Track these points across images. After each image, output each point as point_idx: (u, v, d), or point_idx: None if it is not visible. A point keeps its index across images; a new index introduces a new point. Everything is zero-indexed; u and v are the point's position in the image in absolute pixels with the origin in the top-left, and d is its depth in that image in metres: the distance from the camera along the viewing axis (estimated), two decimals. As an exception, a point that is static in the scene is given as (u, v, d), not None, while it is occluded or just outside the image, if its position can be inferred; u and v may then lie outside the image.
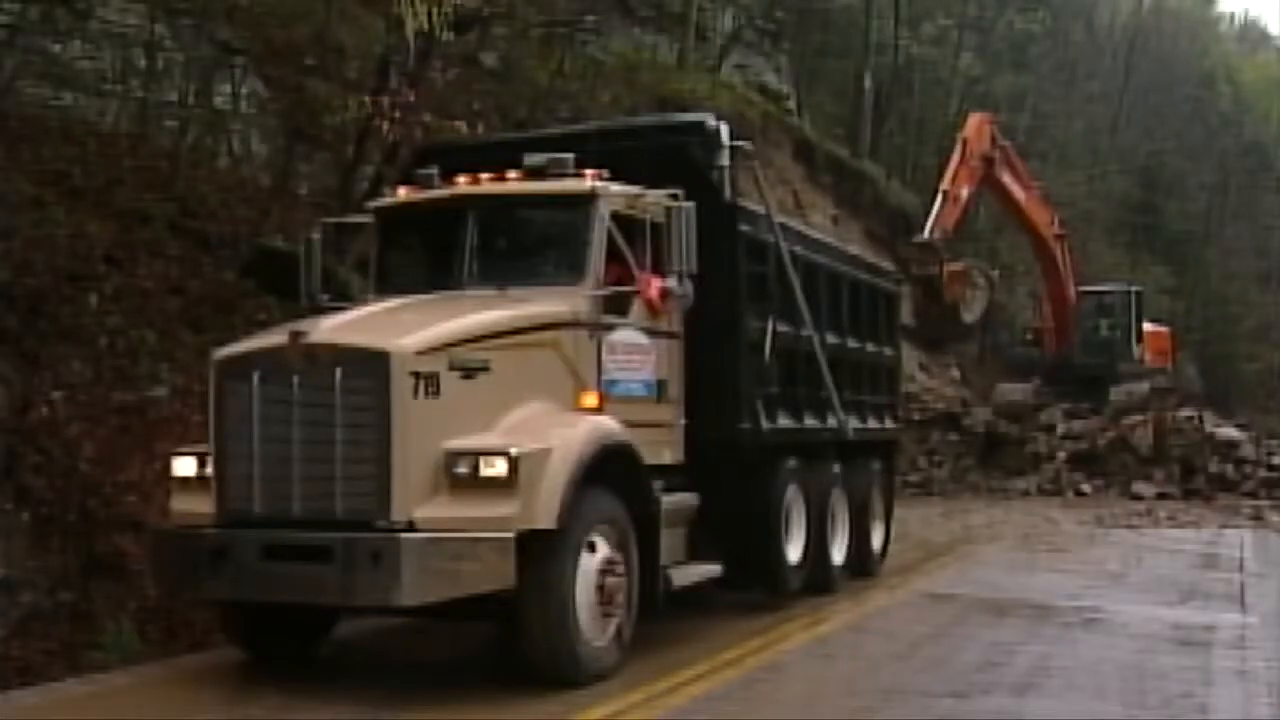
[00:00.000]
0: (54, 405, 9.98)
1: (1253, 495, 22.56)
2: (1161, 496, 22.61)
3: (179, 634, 9.38)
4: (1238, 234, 58.29)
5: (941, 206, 23.60)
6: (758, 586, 10.29)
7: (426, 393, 7.21)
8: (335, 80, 15.68)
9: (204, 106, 15.03)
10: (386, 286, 8.93)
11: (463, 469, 7.16)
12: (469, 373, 7.44)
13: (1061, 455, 25.27)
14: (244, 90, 15.72)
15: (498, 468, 7.13)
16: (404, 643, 9.48)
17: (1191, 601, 11.66)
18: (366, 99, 13.07)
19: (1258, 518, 19.88)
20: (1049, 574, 13.38)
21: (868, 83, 36.93)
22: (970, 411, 27.85)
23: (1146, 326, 30.34)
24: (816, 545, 10.82)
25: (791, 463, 10.44)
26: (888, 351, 13.22)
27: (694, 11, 29.03)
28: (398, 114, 12.74)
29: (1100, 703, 7.52)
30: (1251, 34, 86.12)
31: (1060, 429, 26.36)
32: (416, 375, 7.16)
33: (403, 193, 9.27)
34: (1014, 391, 28.38)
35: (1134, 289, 30.90)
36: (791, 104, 34.53)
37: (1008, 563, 14.44)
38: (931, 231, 23.45)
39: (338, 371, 7.18)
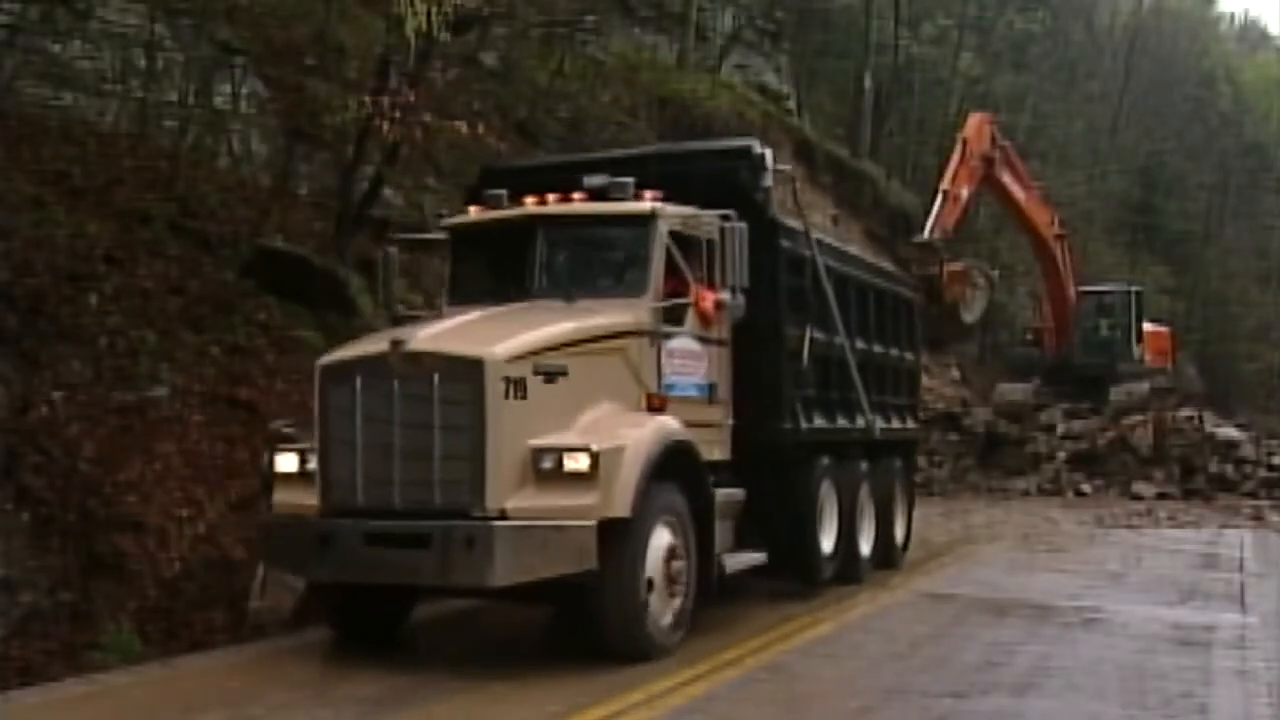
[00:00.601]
0: (54, 405, 9.99)
1: (1253, 495, 22.56)
2: (1161, 496, 22.61)
3: (179, 634, 9.39)
4: (1238, 234, 58.30)
5: (941, 206, 23.56)
6: (795, 575, 10.97)
7: (515, 395, 7.98)
8: (335, 80, 15.68)
9: (204, 106, 15.03)
10: (459, 297, 9.73)
11: (548, 463, 7.93)
12: (550, 377, 8.21)
13: (1061, 455, 25.26)
14: (244, 90, 15.72)
15: (581, 462, 7.91)
16: (407, 638, 9.48)
17: (1191, 601, 11.66)
18: (366, 99, 13.06)
19: (1258, 518, 19.88)
20: (1049, 574, 13.38)
21: (868, 83, 36.94)
22: (970, 411, 27.85)
23: (1146, 326, 30.31)
24: (847, 537, 11.57)
25: (825, 460, 11.21)
26: (908, 355, 14.00)
27: (694, 11, 29.03)
28: (398, 114, 12.73)
29: (1100, 703, 7.52)
30: (1251, 34, 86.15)
31: (1060, 429, 26.35)
32: (507, 380, 7.94)
33: (474, 212, 10.01)
34: (1014, 391, 28.36)
35: (1134, 289, 30.86)
36: (791, 104, 34.54)
37: (1008, 563, 14.44)
38: (931, 231, 23.42)
39: (436, 376, 7.93)
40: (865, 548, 12.19)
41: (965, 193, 24.31)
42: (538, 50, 20.76)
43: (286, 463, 8.65)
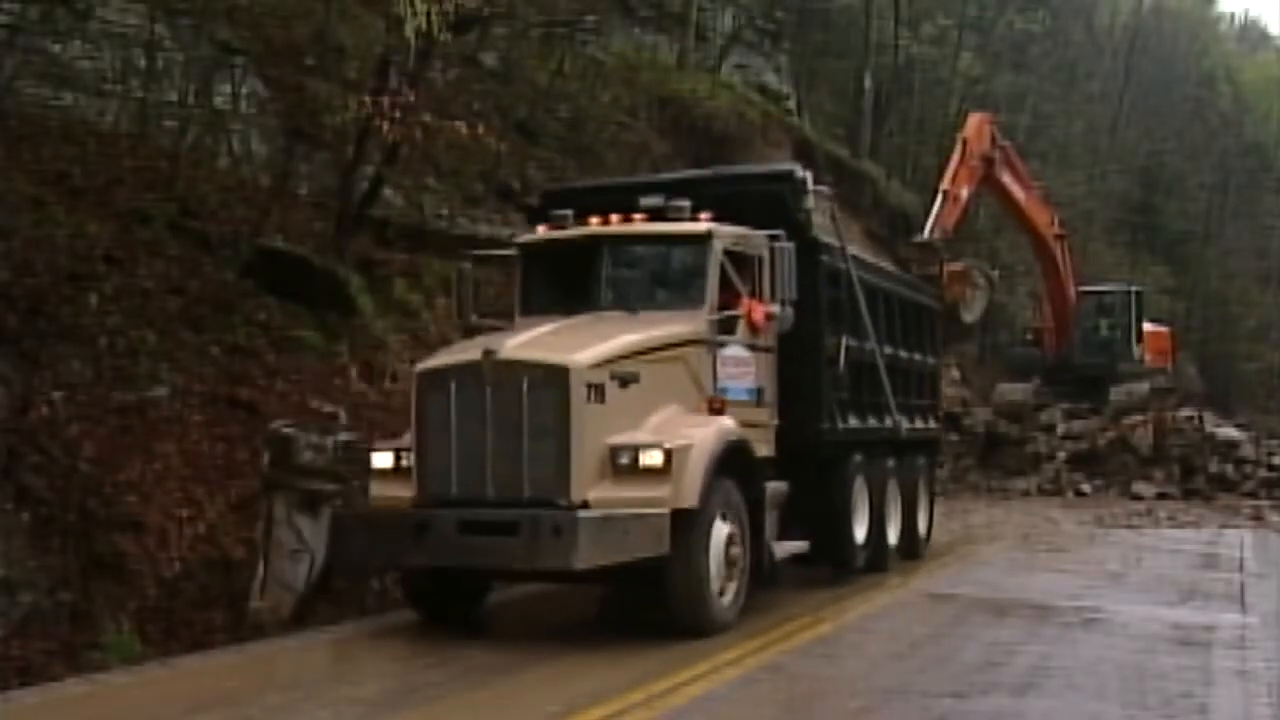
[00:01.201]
0: (54, 405, 9.99)
1: (1253, 495, 22.56)
2: (1161, 496, 22.61)
3: (179, 634, 9.39)
4: (1238, 234, 58.27)
5: (941, 206, 23.53)
6: (832, 563, 11.88)
7: (594, 398, 8.90)
8: (335, 80, 15.67)
9: (204, 106, 15.03)
10: (530, 309, 10.64)
11: (625, 459, 8.84)
12: (624, 382, 9.11)
13: (1061, 455, 25.26)
14: (244, 90, 15.72)
15: (656, 458, 8.82)
16: (407, 639, 9.49)
17: (1191, 601, 11.66)
18: (366, 99, 13.07)
19: (1258, 518, 19.88)
20: (1049, 574, 13.38)
21: (868, 83, 36.92)
22: (970, 411, 27.84)
23: (1146, 326, 30.30)
24: (876, 529, 12.50)
25: (858, 457, 12.13)
26: (930, 360, 14.92)
27: (694, 11, 29.01)
28: (398, 114, 12.74)
29: (1100, 703, 7.52)
30: (1251, 34, 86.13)
31: (1060, 429, 26.35)
32: (588, 385, 8.86)
33: (542, 230, 10.94)
34: (1014, 391, 28.36)
35: (1134, 289, 30.85)
36: (791, 104, 34.50)
37: (1008, 563, 14.44)
38: (931, 231, 23.39)
39: (525, 381, 8.84)
40: (893, 538, 13.09)
41: (965, 193, 24.29)
42: (538, 50, 20.75)
43: (382, 459, 9.46)
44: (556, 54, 21.49)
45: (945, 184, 23.90)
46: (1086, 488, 23.76)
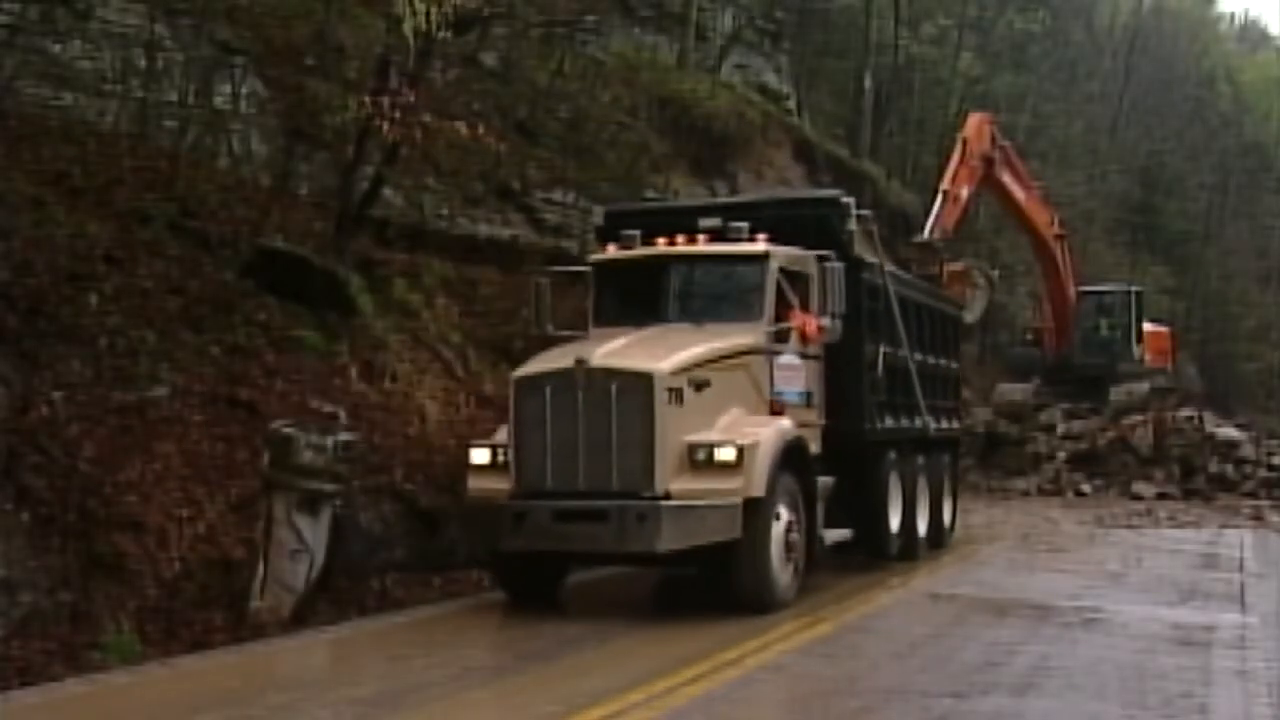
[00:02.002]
0: (54, 405, 9.98)
1: (1253, 495, 22.54)
2: (1161, 496, 22.59)
3: (179, 634, 9.39)
4: (1238, 234, 58.28)
5: (941, 206, 23.53)
6: (869, 550, 12.96)
7: (674, 401, 10.03)
8: (335, 80, 15.66)
9: (204, 106, 15.02)
10: (602, 320, 11.79)
11: (701, 455, 9.96)
12: (699, 387, 10.24)
13: (1061, 455, 25.25)
14: (244, 90, 15.71)
15: (729, 454, 9.95)
16: (407, 638, 9.49)
17: (1191, 601, 11.66)
18: (366, 99, 13.06)
19: (1258, 518, 19.87)
20: (1049, 574, 13.39)
21: (868, 83, 36.90)
22: (970, 411, 27.81)
23: (1146, 326, 30.29)
24: (908, 520, 13.62)
25: (892, 455, 13.29)
26: (954, 364, 16.14)
27: (694, 11, 28.97)
28: (398, 114, 12.74)
29: (1100, 703, 7.52)
30: (1251, 34, 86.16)
31: (1060, 429, 26.33)
32: (669, 389, 9.99)
33: (612, 249, 12.11)
34: (1014, 391, 28.34)
35: (1134, 289, 30.85)
36: (791, 104, 34.47)
37: (1008, 563, 14.44)
38: (931, 231, 23.39)
39: (613, 387, 9.96)
40: (922, 529, 14.15)
41: (965, 193, 24.29)
42: (538, 50, 20.72)
43: (480, 456, 10.61)
44: (556, 54, 21.47)
45: (945, 184, 23.90)
46: (1086, 488, 23.74)
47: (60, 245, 11.28)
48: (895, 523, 13.29)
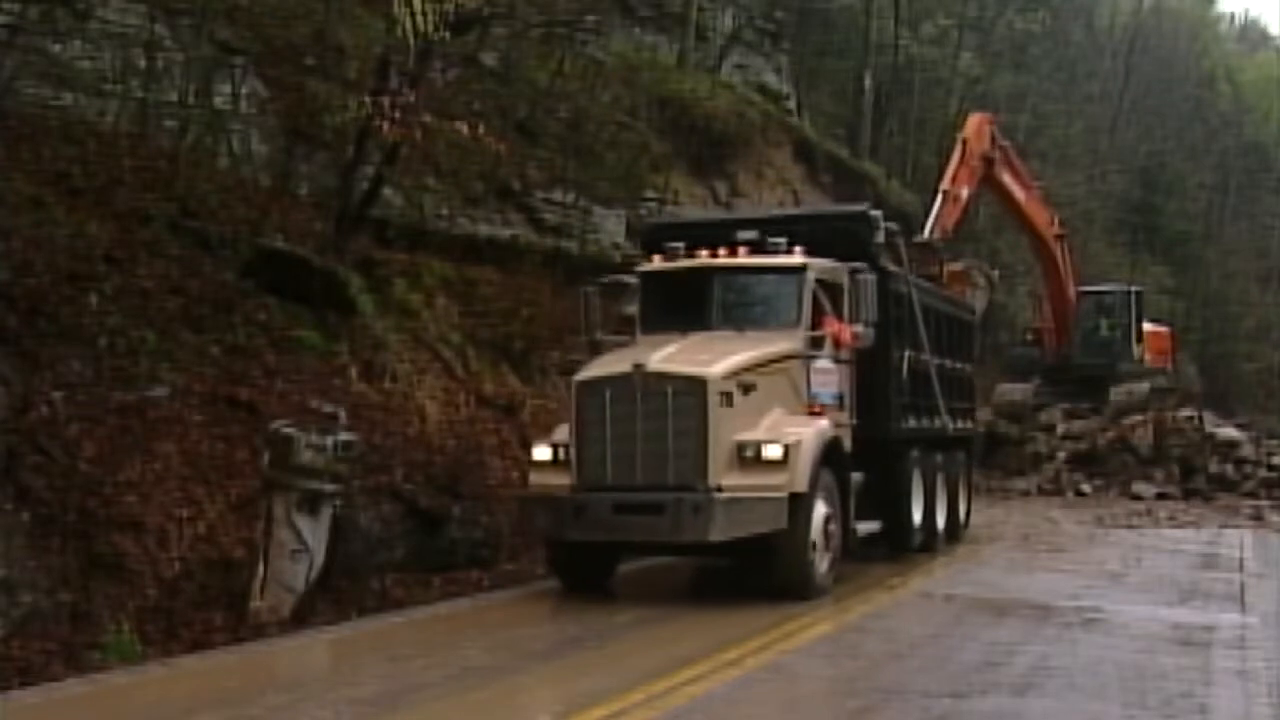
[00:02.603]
0: (54, 405, 9.97)
1: (1253, 495, 22.52)
2: (1161, 496, 22.57)
3: (179, 634, 9.39)
4: (1238, 234, 58.32)
5: (941, 206, 23.49)
6: (893, 543, 13.63)
7: (725, 403, 10.79)
8: (335, 80, 15.67)
9: (204, 106, 15.00)
10: (649, 327, 12.41)
11: (749, 453, 10.75)
12: (746, 390, 11.02)
13: (1061, 455, 25.23)
14: (244, 90, 15.70)
15: (776, 452, 10.75)
16: (407, 638, 9.49)
17: (1191, 601, 11.66)
18: (366, 99, 13.06)
19: (1258, 518, 19.86)
20: (1049, 574, 13.38)
21: (868, 83, 36.91)
22: (972, 411, 27.81)
23: (1146, 326, 30.26)
24: (928, 514, 14.40)
25: (915, 453, 14.09)
26: (968, 367, 16.97)
27: (694, 11, 28.97)
28: (398, 114, 12.74)
29: (1100, 703, 7.52)
30: (1251, 34, 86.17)
31: (1060, 429, 26.31)
32: (721, 392, 10.77)
33: (657, 260, 12.82)
34: (1014, 391, 28.32)
35: (1134, 289, 30.82)
36: (791, 104, 34.47)
37: (1008, 563, 14.44)
38: (931, 231, 23.34)
39: (669, 390, 10.76)
40: (940, 522, 14.93)
41: (965, 193, 24.26)
42: (538, 50, 20.71)
43: (541, 453, 11.43)
44: (556, 54, 21.46)
45: (945, 184, 23.87)
46: (1086, 488, 23.73)
47: (60, 245, 11.27)
48: (917, 516, 14.11)
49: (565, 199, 20.95)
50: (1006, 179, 25.84)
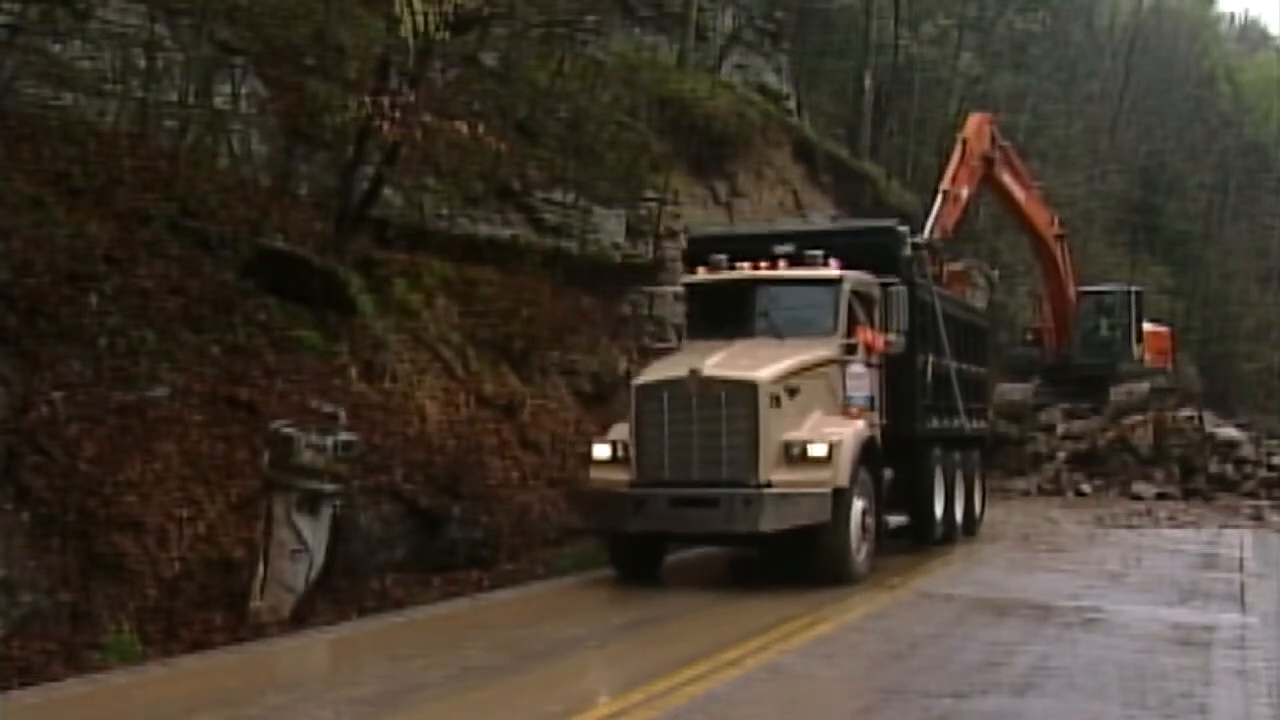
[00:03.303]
0: (54, 405, 9.98)
1: (1253, 495, 22.50)
2: (1161, 496, 22.56)
3: (179, 634, 9.39)
4: (1238, 234, 58.29)
5: (941, 206, 23.45)
6: (917, 535, 14.49)
7: (773, 405, 11.71)
8: (335, 80, 15.67)
9: (204, 106, 15.00)
10: (694, 334, 13.43)
11: (796, 451, 11.67)
12: (791, 393, 11.96)
13: (1061, 455, 25.22)
14: (244, 90, 15.70)
15: (822, 450, 11.69)
16: (407, 638, 9.49)
17: (1191, 601, 11.66)
18: (366, 99, 13.06)
19: (1258, 518, 19.85)
20: (1049, 574, 13.38)
21: (868, 83, 36.88)
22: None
23: (1146, 326, 30.23)
24: (948, 508, 15.29)
25: (936, 451, 14.95)
26: (983, 370, 17.94)
27: (694, 11, 28.95)
28: (398, 114, 12.74)
29: (1100, 703, 7.52)
30: (1251, 34, 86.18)
31: (1060, 429, 26.30)
32: (770, 395, 11.71)
33: (702, 272, 13.70)
34: (1014, 391, 28.30)
35: (1134, 289, 30.79)
36: (791, 104, 34.45)
37: (1008, 563, 14.44)
38: (931, 231, 23.30)
39: (723, 393, 11.68)
40: (958, 516, 15.82)
41: (965, 193, 24.22)
42: (538, 50, 20.70)
43: (601, 451, 12.32)
44: (556, 54, 21.45)
45: (945, 184, 23.83)
46: (1086, 488, 23.71)
47: (60, 245, 11.27)
48: (939, 511, 14.99)
49: (565, 199, 20.95)
50: (1006, 179, 25.82)
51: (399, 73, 14.01)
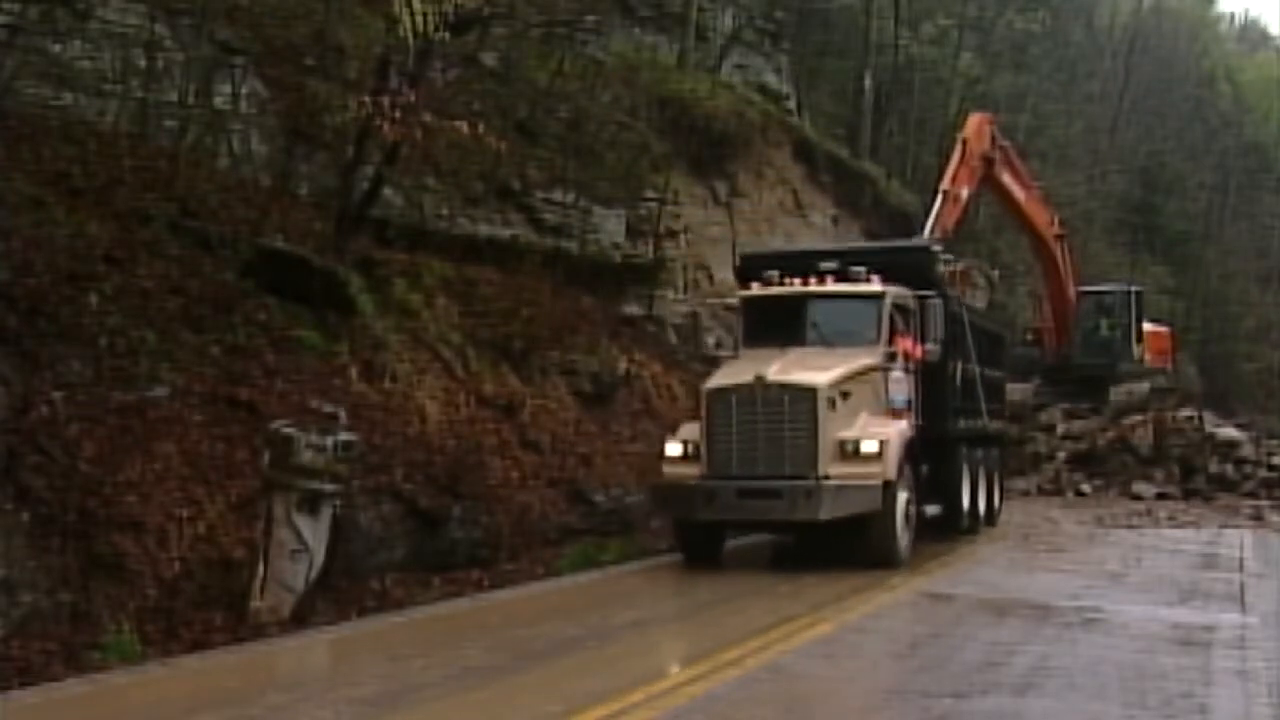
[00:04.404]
0: (54, 405, 9.97)
1: (1253, 495, 22.50)
2: (1161, 496, 22.56)
3: (179, 634, 9.39)
4: (1238, 234, 58.29)
5: (941, 206, 23.47)
6: (950, 524, 15.71)
7: (829, 407, 13.07)
8: (335, 80, 15.66)
9: (204, 106, 15.00)
10: (750, 343, 14.71)
11: (850, 448, 13.02)
12: (844, 396, 13.31)
13: (1061, 455, 25.22)
14: (244, 90, 15.70)
15: (873, 447, 13.07)
16: (407, 638, 9.49)
17: (1191, 601, 11.66)
18: (366, 99, 13.05)
19: (1258, 518, 19.85)
20: (1049, 574, 13.38)
21: (868, 83, 36.87)
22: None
23: (1146, 326, 30.24)
24: (973, 500, 16.67)
25: (964, 448, 16.34)
26: (1000, 374, 19.27)
27: (694, 11, 28.94)
28: (398, 114, 12.73)
29: (1100, 703, 7.52)
30: (1251, 34, 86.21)
31: (1060, 429, 26.31)
32: (827, 398, 13.08)
33: (756, 287, 15.04)
34: (1014, 391, 28.21)
35: (1134, 289, 30.81)
36: (791, 104, 34.43)
37: (1008, 563, 14.44)
38: (931, 231, 23.36)
39: (785, 397, 13.08)
40: (981, 508, 17.15)
41: (965, 193, 24.24)
42: (538, 50, 20.71)
43: (674, 449, 13.60)
44: (556, 54, 21.45)
45: (945, 184, 23.85)
46: (1086, 488, 23.72)
47: (60, 245, 11.27)
48: (966, 503, 16.32)
49: (565, 199, 20.95)
50: (1006, 179, 25.83)
51: (399, 73, 14.00)
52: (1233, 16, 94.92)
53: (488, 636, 9.68)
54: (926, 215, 24.34)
